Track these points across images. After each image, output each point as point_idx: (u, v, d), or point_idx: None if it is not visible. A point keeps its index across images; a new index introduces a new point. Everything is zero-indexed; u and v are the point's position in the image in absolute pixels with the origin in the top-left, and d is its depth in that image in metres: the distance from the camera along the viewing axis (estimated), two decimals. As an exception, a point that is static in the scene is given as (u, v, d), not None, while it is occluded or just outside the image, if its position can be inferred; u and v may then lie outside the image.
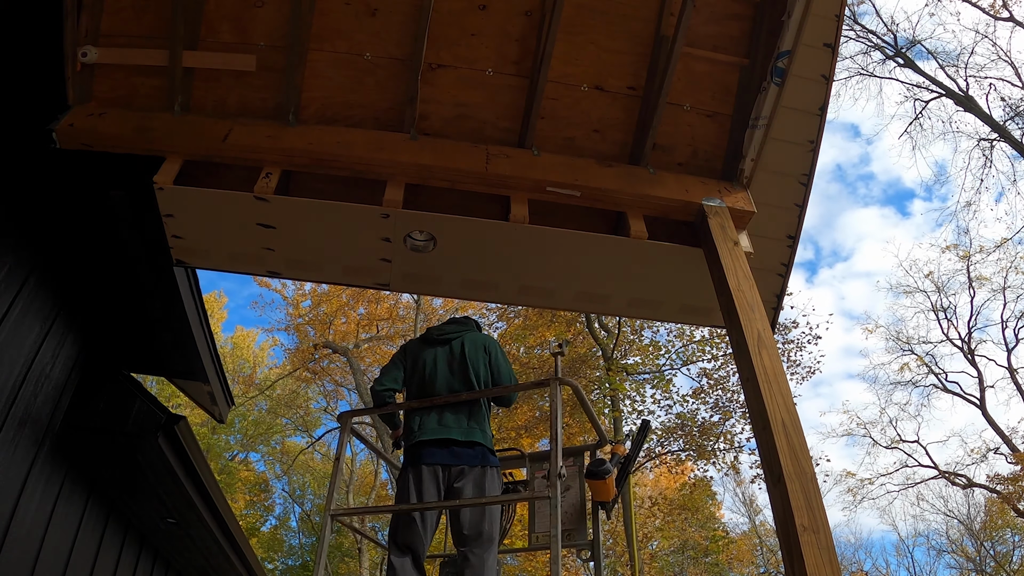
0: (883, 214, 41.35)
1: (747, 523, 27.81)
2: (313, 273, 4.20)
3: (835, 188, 39.28)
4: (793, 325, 15.91)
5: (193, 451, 4.75)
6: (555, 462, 2.82)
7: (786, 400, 2.70)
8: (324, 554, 3.23)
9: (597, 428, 4.23)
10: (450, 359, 3.77)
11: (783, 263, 4.11)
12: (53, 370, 4.23)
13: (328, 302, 22.93)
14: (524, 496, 3.25)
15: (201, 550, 6.11)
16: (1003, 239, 19.58)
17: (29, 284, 3.87)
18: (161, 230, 3.55)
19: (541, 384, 3.58)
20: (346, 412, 3.64)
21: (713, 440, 15.52)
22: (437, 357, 3.79)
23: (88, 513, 4.89)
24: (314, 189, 3.46)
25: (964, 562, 22.84)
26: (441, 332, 3.88)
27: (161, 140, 3.34)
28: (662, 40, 3.56)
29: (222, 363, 5.67)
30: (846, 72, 19.55)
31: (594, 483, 3.99)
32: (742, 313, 3.03)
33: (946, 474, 21.05)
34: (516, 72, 3.61)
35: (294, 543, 26.31)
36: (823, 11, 3.47)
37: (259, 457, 27.01)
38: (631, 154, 3.73)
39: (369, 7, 3.45)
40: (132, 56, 3.40)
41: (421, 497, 3.32)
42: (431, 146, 3.51)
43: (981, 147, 18.92)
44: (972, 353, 20.46)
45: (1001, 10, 17.62)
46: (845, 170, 38.74)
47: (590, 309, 4.74)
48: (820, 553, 2.26)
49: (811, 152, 3.81)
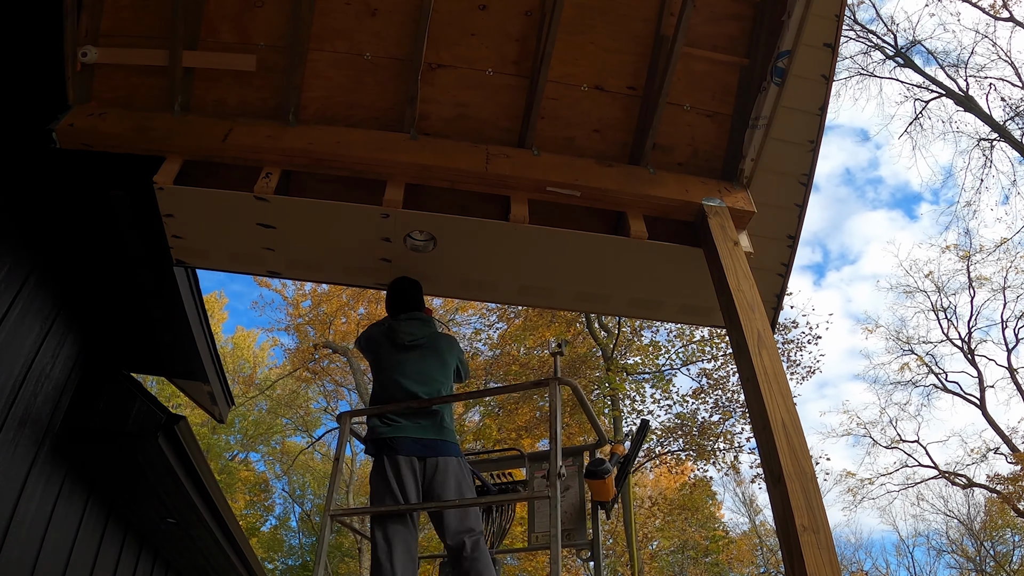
0: (891, 217, 41.53)
1: (747, 523, 27.83)
2: (313, 273, 4.20)
3: (844, 191, 39.43)
4: (793, 325, 15.92)
5: (193, 451, 4.75)
6: (555, 462, 2.82)
7: (786, 400, 2.70)
8: (324, 554, 3.22)
9: (596, 428, 4.23)
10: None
11: (783, 263, 4.11)
12: (53, 370, 4.23)
13: (328, 302, 22.92)
14: (524, 496, 3.24)
15: (201, 550, 6.11)
16: (1003, 239, 19.58)
17: (29, 284, 3.87)
18: (161, 230, 3.55)
19: (540, 384, 3.58)
20: (346, 412, 3.64)
21: (713, 440, 15.53)
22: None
23: (88, 513, 4.89)
24: (314, 189, 3.46)
25: (964, 562, 22.84)
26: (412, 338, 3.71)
27: (161, 140, 3.34)
28: (662, 40, 3.56)
29: (222, 363, 5.67)
30: (846, 72, 19.56)
31: (593, 483, 3.99)
32: (742, 313, 3.03)
33: (946, 474, 21.05)
34: (516, 72, 3.61)
35: (294, 543, 26.33)
36: (823, 11, 3.47)
37: (259, 457, 27.04)
38: (631, 154, 3.73)
39: (369, 7, 3.45)
40: (132, 56, 3.40)
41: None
42: (431, 146, 3.51)
43: (981, 147, 18.94)
44: (972, 353, 20.46)
45: (1001, 10, 17.63)
46: (854, 174, 38.91)
47: (590, 309, 4.75)
48: (820, 553, 2.27)
49: (811, 152, 3.81)
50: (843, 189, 39.56)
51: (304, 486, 26.69)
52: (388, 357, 3.64)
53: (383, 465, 3.39)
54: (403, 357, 3.59)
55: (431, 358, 3.62)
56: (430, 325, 3.73)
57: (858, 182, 40.22)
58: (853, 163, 37.85)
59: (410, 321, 3.69)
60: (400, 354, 3.60)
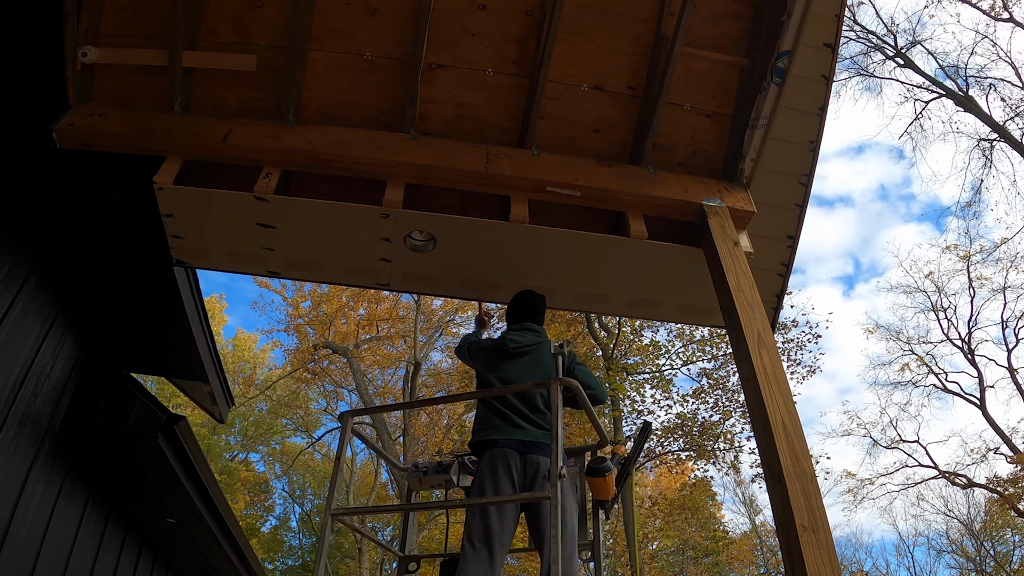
0: (920, 230, 42.50)
1: (747, 523, 27.83)
2: (313, 273, 4.20)
3: (878, 206, 39.99)
4: (793, 324, 15.91)
5: (193, 451, 4.75)
6: (556, 461, 2.81)
7: (786, 400, 2.70)
8: (324, 554, 3.21)
9: (597, 428, 4.22)
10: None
11: (783, 263, 4.11)
12: (53, 370, 4.23)
13: (328, 302, 22.90)
14: (524, 496, 3.23)
15: (201, 550, 6.11)
16: (1003, 239, 19.58)
17: (29, 284, 3.87)
18: (161, 230, 3.55)
19: (541, 385, 3.57)
20: (347, 412, 3.64)
21: (713, 440, 15.53)
22: None
23: (88, 513, 4.89)
24: (314, 189, 3.45)
25: (964, 562, 22.82)
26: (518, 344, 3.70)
27: (161, 140, 3.34)
28: (662, 40, 3.56)
29: (222, 363, 5.67)
30: (846, 72, 19.57)
31: (594, 480, 3.98)
32: (742, 313, 3.03)
33: (946, 474, 21.04)
34: (516, 72, 3.61)
35: (294, 543, 26.33)
36: (823, 11, 3.47)
37: (259, 457, 27.04)
38: (631, 154, 3.73)
39: (369, 7, 3.45)
40: (132, 56, 3.40)
41: None
42: (431, 146, 3.51)
43: (981, 147, 18.94)
44: (972, 353, 20.45)
45: (1001, 11, 17.62)
46: (888, 190, 39.42)
47: (590, 309, 4.74)
48: (820, 553, 2.27)
49: (811, 152, 3.81)
50: (877, 204, 40.15)
51: (304, 486, 26.69)
52: (491, 363, 3.65)
53: (482, 464, 3.33)
54: (505, 364, 3.59)
55: (534, 367, 3.59)
56: (540, 335, 3.72)
57: (892, 198, 40.90)
58: (888, 180, 38.33)
59: (520, 331, 3.70)
60: (504, 361, 3.61)
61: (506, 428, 3.36)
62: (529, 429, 3.38)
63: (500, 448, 3.31)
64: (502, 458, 3.28)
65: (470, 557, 3.07)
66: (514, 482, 3.26)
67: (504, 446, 3.31)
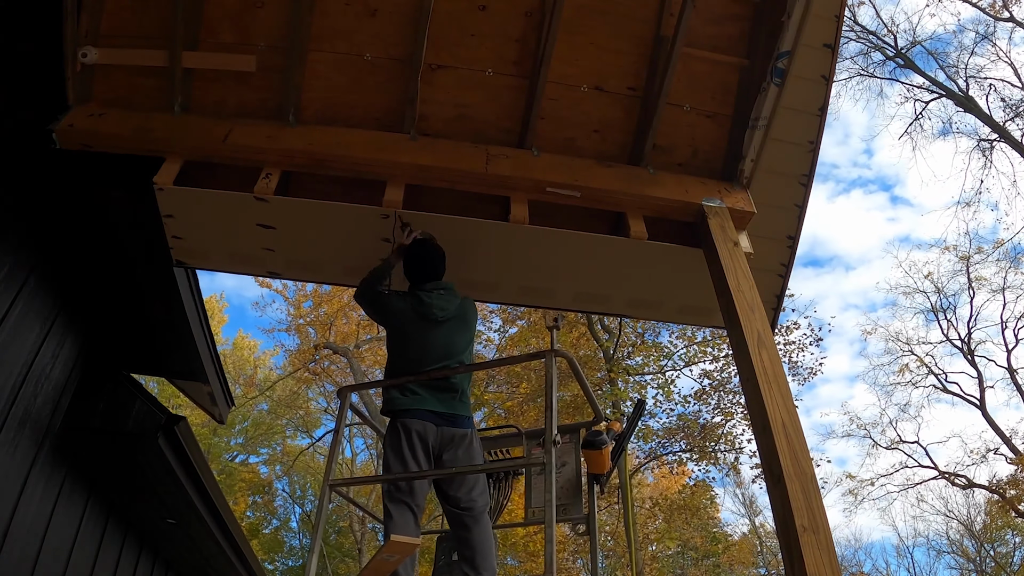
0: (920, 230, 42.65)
1: (748, 524, 27.81)
2: (313, 273, 4.20)
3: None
4: (795, 326, 15.90)
5: (193, 452, 4.75)
6: (550, 429, 2.83)
7: (786, 400, 2.70)
8: (321, 525, 3.19)
9: (593, 404, 4.25)
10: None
11: (783, 263, 4.11)
12: (53, 370, 4.23)
13: (329, 303, 22.89)
14: (519, 462, 3.22)
15: (201, 550, 6.11)
16: (1002, 239, 19.56)
17: (29, 284, 3.87)
18: (161, 231, 3.55)
19: (537, 356, 3.57)
20: (346, 387, 3.64)
21: (714, 442, 15.51)
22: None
23: (88, 513, 4.89)
24: (314, 189, 3.46)
25: (964, 563, 22.81)
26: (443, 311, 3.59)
27: (161, 140, 3.34)
28: (662, 40, 3.56)
29: (222, 364, 5.68)
30: (846, 73, 19.54)
31: (590, 453, 4.01)
32: (742, 313, 3.03)
33: (946, 475, 21.00)
34: (516, 72, 3.61)
35: (295, 544, 26.31)
36: (823, 11, 3.47)
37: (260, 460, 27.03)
38: (631, 154, 3.73)
39: (369, 7, 3.45)
40: (132, 56, 3.40)
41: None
42: (431, 147, 3.51)
43: (981, 147, 18.92)
44: (972, 353, 20.42)
45: (1001, 10, 17.62)
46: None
47: (590, 309, 4.75)
48: (820, 553, 2.27)
49: (811, 152, 3.81)
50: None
51: (305, 487, 26.68)
52: (415, 332, 3.47)
53: (397, 432, 3.29)
54: (433, 332, 3.45)
55: (459, 330, 3.52)
56: (456, 294, 3.58)
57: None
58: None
59: (440, 294, 3.52)
60: (431, 329, 3.45)
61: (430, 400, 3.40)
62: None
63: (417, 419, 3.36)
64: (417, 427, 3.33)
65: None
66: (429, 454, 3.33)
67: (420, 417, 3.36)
